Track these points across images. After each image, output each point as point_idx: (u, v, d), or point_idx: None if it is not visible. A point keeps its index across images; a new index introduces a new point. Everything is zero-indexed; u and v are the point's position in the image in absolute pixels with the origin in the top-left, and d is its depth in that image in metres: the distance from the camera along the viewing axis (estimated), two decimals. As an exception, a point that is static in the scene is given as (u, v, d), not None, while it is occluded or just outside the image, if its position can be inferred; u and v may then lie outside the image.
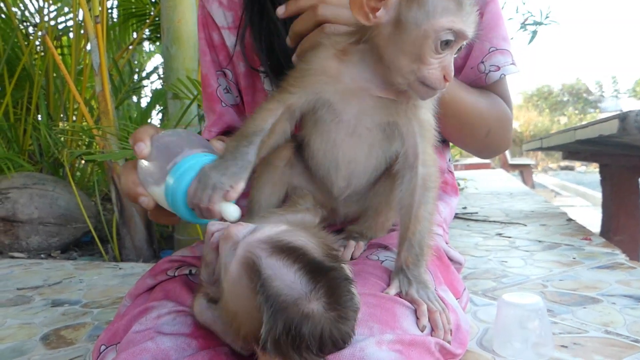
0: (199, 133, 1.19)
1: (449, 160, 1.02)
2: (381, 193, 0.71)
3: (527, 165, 9.61)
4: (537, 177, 12.84)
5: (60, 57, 3.22)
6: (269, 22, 0.84)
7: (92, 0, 2.10)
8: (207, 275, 0.58)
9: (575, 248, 1.71)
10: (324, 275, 0.47)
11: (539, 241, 1.88)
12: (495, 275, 1.41)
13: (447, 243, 0.92)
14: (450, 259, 0.88)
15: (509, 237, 2.01)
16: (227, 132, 0.97)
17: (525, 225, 2.27)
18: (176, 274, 0.79)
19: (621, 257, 1.53)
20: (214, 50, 0.97)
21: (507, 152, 10.76)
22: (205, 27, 0.98)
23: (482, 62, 0.86)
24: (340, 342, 0.48)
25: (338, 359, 0.51)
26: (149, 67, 4.55)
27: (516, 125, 22.15)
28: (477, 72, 0.86)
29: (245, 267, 0.47)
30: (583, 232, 2.02)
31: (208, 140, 0.67)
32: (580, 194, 8.35)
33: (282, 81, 0.67)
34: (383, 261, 0.72)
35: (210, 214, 0.57)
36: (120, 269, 1.79)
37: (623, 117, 1.66)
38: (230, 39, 0.94)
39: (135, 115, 3.07)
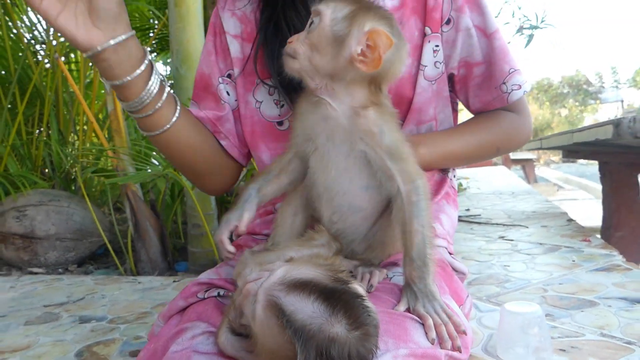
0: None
1: (454, 176, 1.09)
2: (384, 227, 0.76)
3: (529, 160, 9.60)
4: (540, 170, 12.86)
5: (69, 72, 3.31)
6: (283, 41, 0.91)
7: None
8: (235, 316, 0.65)
9: (575, 250, 1.78)
10: (338, 299, 0.53)
11: (540, 244, 1.95)
12: (499, 281, 1.48)
13: (451, 254, 0.99)
14: (455, 270, 0.96)
15: (511, 240, 2.08)
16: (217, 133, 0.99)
17: (527, 227, 2.34)
18: (206, 296, 0.86)
19: (618, 259, 1.60)
20: (222, 54, 1.00)
21: (508, 148, 10.78)
22: (216, 32, 1.02)
23: (504, 83, 0.93)
24: (366, 357, 0.55)
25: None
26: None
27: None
28: (499, 92, 0.94)
29: (270, 309, 0.53)
30: (583, 233, 2.09)
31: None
32: (583, 187, 8.38)
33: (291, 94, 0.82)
34: (392, 277, 0.79)
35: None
36: (139, 282, 1.87)
37: (617, 123, 1.73)
38: (233, 45, 0.98)
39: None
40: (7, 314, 1.55)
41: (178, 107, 0.87)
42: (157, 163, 2.29)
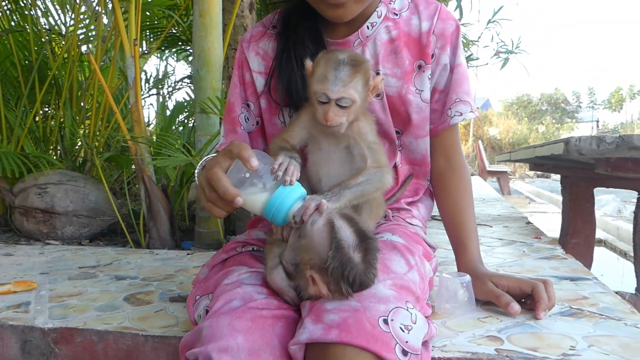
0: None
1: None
2: None
3: (504, 172, 10.01)
4: (514, 184, 13.37)
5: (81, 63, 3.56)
6: (291, 70, 1.13)
7: (129, 24, 2.46)
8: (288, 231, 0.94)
9: (527, 244, 2.13)
10: (365, 240, 0.82)
11: (500, 239, 2.30)
12: (462, 263, 1.81)
13: (425, 233, 1.33)
14: (427, 244, 1.28)
15: (477, 236, 2.42)
16: None
17: (491, 227, 2.69)
18: (243, 250, 1.16)
19: (560, 252, 1.95)
20: (243, 86, 1.23)
21: (485, 160, 11.26)
22: (240, 66, 1.23)
23: (450, 109, 1.20)
24: (365, 284, 0.85)
25: (360, 293, 0.88)
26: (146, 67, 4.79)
27: (496, 132, 22.91)
28: (445, 116, 1.22)
29: (328, 224, 0.82)
30: (536, 233, 2.45)
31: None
32: (554, 202, 8.79)
33: (295, 113, 1.10)
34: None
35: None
36: (156, 254, 2.15)
37: (566, 142, 2.09)
38: (258, 80, 1.21)
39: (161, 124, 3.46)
40: (48, 272, 1.82)
41: None
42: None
